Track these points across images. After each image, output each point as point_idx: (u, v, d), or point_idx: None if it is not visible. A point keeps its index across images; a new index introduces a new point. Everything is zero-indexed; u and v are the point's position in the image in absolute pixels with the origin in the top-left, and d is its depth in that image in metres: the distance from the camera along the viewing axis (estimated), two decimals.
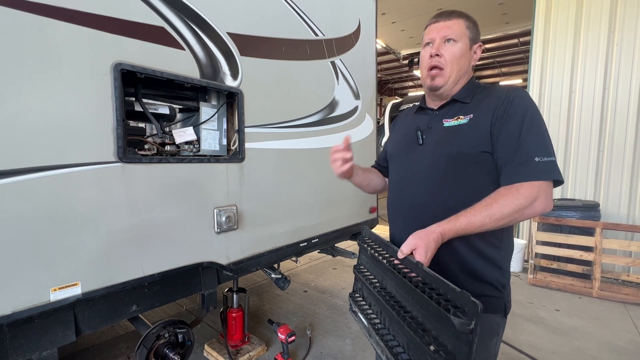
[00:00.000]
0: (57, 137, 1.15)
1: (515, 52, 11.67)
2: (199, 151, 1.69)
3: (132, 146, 1.53)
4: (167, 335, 1.64)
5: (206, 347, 2.31)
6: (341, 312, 2.97)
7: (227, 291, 2.29)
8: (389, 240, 1.13)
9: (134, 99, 1.53)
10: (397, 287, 0.87)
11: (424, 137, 1.07)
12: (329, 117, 2.39)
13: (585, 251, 3.43)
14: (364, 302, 1.05)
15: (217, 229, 1.68)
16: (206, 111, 1.70)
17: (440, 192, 1.00)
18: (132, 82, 1.45)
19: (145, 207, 1.40)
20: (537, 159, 0.86)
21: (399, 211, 1.13)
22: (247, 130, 1.81)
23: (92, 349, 2.38)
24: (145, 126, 1.80)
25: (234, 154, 1.79)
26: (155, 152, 1.64)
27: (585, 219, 3.52)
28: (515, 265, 4.02)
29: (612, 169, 3.82)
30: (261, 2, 1.87)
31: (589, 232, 3.47)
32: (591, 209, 3.58)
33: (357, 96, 2.67)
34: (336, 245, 2.86)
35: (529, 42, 4.45)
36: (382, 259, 0.94)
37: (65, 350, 2.25)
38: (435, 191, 1.01)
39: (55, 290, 1.16)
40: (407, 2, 7.91)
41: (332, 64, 2.40)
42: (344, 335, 2.59)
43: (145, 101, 1.56)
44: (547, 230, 3.70)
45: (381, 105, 15.44)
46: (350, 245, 3.03)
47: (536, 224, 3.74)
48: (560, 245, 3.57)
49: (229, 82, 1.71)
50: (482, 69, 13.90)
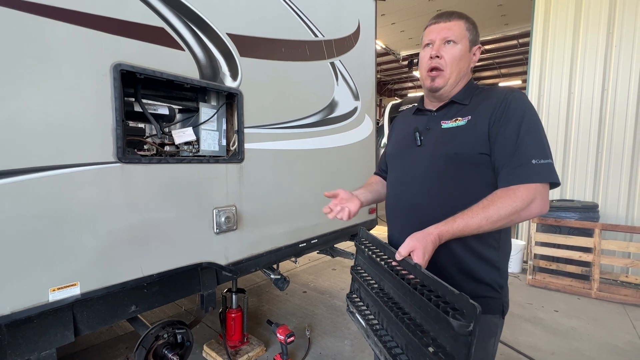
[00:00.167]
0: (56, 137, 1.15)
1: (514, 54, 11.70)
2: (199, 152, 1.69)
3: (131, 146, 1.53)
4: (166, 335, 1.64)
5: (205, 347, 2.31)
6: (340, 312, 2.97)
7: (226, 292, 2.29)
8: (387, 240, 1.13)
9: (133, 100, 1.53)
10: (394, 289, 0.87)
11: (422, 138, 1.07)
12: (328, 117, 2.39)
13: (584, 252, 3.43)
14: (361, 303, 1.05)
15: (216, 229, 1.68)
16: (206, 112, 1.70)
17: (438, 194, 1.00)
18: (132, 83, 1.46)
19: (144, 207, 1.40)
20: (534, 162, 0.87)
21: (397, 212, 1.13)
22: (246, 130, 1.81)
23: (91, 350, 2.38)
24: (144, 127, 1.80)
25: (233, 155, 1.80)
26: (154, 152, 1.64)
27: (584, 220, 3.53)
28: (514, 266, 4.03)
29: (611, 170, 3.82)
30: (261, 2, 1.88)
31: (588, 233, 3.47)
32: (590, 210, 3.58)
33: (356, 97, 2.67)
34: (335, 246, 2.86)
35: (528, 44, 4.46)
36: (379, 260, 0.94)
37: (64, 350, 2.24)
38: (433, 192, 1.01)
39: (54, 290, 1.16)
40: (407, 3, 7.93)
41: (332, 64, 2.41)
42: (343, 336, 2.59)
43: (144, 102, 1.57)
44: (546, 231, 3.71)
45: (381, 106, 15.46)
46: (349, 246, 3.03)
47: (535, 225, 3.74)
48: (559, 246, 3.58)
49: (229, 82, 1.71)
50: (481, 70, 13.93)
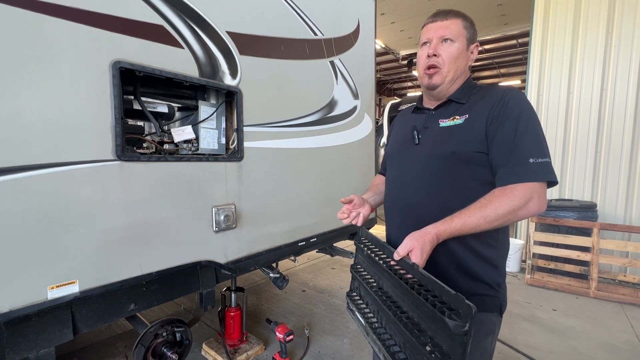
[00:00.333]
0: (55, 134, 1.15)
1: (513, 53, 11.71)
2: (198, 150, 1.69)
3: (130, 144, 1.53)
4: (165, 334, 1.64)
5: (204, 346, 2.31)
6: (339, 311, 2.98)
7: (225, 290, 2.29)
8: (385, 239, 1.13)
9: (132, 97, 1.53)
10: (393, 288, 0.88)
11: (420, 137, 1.07)
12: (327, 116, 2.39)
13: (582, 251, 3.44)
14: (361, 301, 1.05)
15: (216, 227, 1.68)
16: (205, 110, 1.70)
17: (435, 192, 1.00)
18: (131, 81, 1.45)
19: (143, 205, 1.40)
20: (531, 160, 0.87)
21: (395, 211, 1.13)
22: (245, 129, 1.81)
23: (89, 348, 2.38)
24: (143, 124, 1.80)
25: (232, 153, 1.79)
26: (153, 150, 1.64)
27: (582, 219, 3.54)
28: (512, 265, 4.04)
29: (609, 170, 3.84)
30: (260, 1, 1.87)
31: (586, 232, 3.48)
32: (588, 210, 3.59)
33: (356, 96, 2.67)
34: (334, 244, 2.86)
35: (527, 43, 4.46)
36: (378, 259, 0.95)
37: (62, 349, 2.24)
38: (430, 191, 1.01)
39: (52, 288, 1.16)
40: (407, 3, 7.92)
41: (331, 63, 2.41)
42: (342, 334, 2.59)
43: (144, 99, 1.56)
44: (545, 230, 3.72)
45: (380, 105, 15.46)
46: (348, 244, 3.03)
47: (534, 224, 3.75)
48: (557, 245, 3.59)
49: (228, 81, 1.71)
50: (480, 69, 13.93)
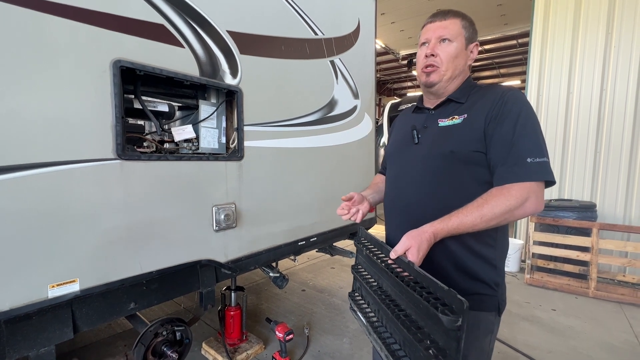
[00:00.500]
0: (56, 133, 1.15)
1: (513, 54, 11.71)
2: (198, 149, 1.69)
3: (131, 143, 1.53)
4: (165, 333, 1.64)
5: (204, 345, 2.31)
6: (339, 311, 2.98)
7: (225, 289, 2.29)
8: (385, 239, 1.14)
9: (133, 96, 1.53)
10: (391, 287, 0.89)
11: (419, 136, 1.07)
12: (328, 116, 2.39)
13: (581, 251, 3.45)
14: (362, 301, 1.06)
15: (216, 226, 1.68)
16: (205, 109, 1.70)
17: (434, 192, 1.00)
18: (132, 80, 1.45)
19: (143, 204, 1.40)
20: (529, 160, 0.87)
21: (394, 210, 1.14)
22: (246, 128, 1.81)
23: (89, 347, 2.38)
24: (144, 124, 1.80)
25: (233, 152, 1.79)
26: (154, 149, 1.64)
27: (582, 219, 3.55)
28: (512, 265, 4.04)
29: (609, 170, 3.84)
30: (261, 0, 1.87)
31: (586, 232, 3.49)
32: (588, 210, 3.60)
33: (356, 95, 2.67)
34: (334, 244, 2.86)
35: (527, 44, 4.47)
36: (376, 259, 0.96)
37: (62, 347, 2.24)
38: (429, 190, 1.01)
39: (53, 287, 1.16)
40: (407, 3, 7.93)
41: (332, 63, 2.41)
42: (342, 334, 2.59)
43: (144, 98, 1.56)
44: (544, 230, 3.72)
45: (380, 105, 15.46)
46: (348, 244, 3.03)
47: (533, 224, 3.76)
48: (557, 245, 3.59)
49: (229, 80, 1.71)
50: (480, 69, 13.94)
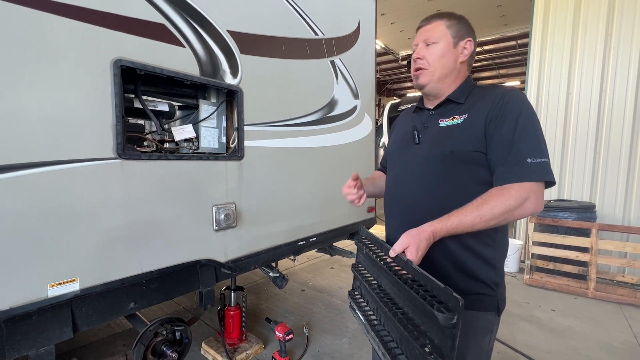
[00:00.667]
0: (56, 132, 1.15)
1: (513, 54, 11.73)
2: (198, 149, 1.69)
3: (131, 143, 1.53)
4: (164, 332, 1.64)
5: (204, 345, 2.31)
6: (339, 311, 2.98)
7: (225, 289, 2.29)
8: (385, 238, 1.14)
9: (133, 96, 1.53)
10: (390, 285, 0.89)
11: (420, 136, 1.08)
12: (328, 116, 2.39)
13: (581, 252, 3.45)
14: (362, 300, 1.06)
15: (216, 226, 1.68)
16: (206, 109, 1.70)
17: (433, 191, 1.01)
18: (132, 79, 1.45)
19: (143, 203, 1.40)
20: (529, 160, 0.87)
21: (394, 209, 1.14)
22: (246, 128, 1.81)
23: (89, 346, 2.38)
24: (144, 123, 1.80)
25: (233, 152, 1.80)
26: (154, 149, 1.64)
27: (581, 220, 3.55)
28: (511, 265, 4.05)
29: (608, 171, 3.85)
30: (262, 0, 1.87)
31: (585, 233, 3.49)
32: (587, 210, 3.60)
33: (356, 96, 2.67)
34: (334, 244, 2.87)
35: (527, 44, 4.47)
36: (376, 257, 0.96)
37: (62, 347, 2.24)
38: (429, 190, 1.02)
39: (53, 286, 1.16)
40: (406, 3, 7.94)
41: (332, 63, 2.41)
42: (342, 334, 2.59)
43: (144, 98, 1.56)
44: (544, 231, 3.72)
45: (380, 105, 15.47)
46: (348, 244, 3.03)
47: (533, 225, 3.76)
48: (556, 246, 3.59)
49: (229, 80, 1.71)
50: (480, 70, 13.96)
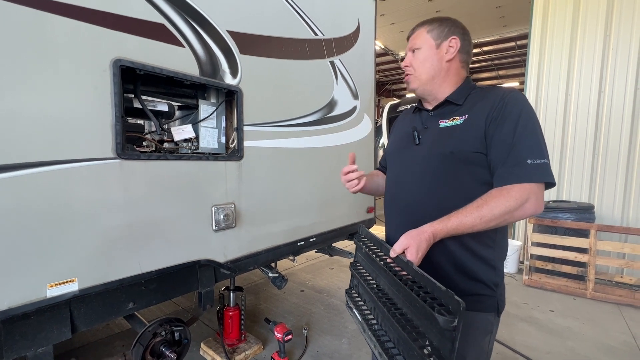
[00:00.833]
0: (55, 132, 1.15)
1: (512, 55, 11.77)
2: (198, 149, 1.69)
3: (130, 143, 1.53)
4: (163, 333, 1.63)
5: (202, 345, 2.30)
6: (338, 311, 2.98)
7: (224, 290, 2.29)
8: (385, 239, 1.14)
9: (132, 96, 1.53)
10: (389, 285, 0.89)
11: (420, 137, 1.08)
12: (327, 116, 2.39)
13: (579, 253, 3.46)
14: (359, 299, 1.06)
15: (215, 226, 1.67)
16: (205, 109, 1.70)
17: (434, 192, 1.01)
18: (131, 79, 1.45)
19: (143, 203, 1.40)
20: (529, 161, 0.87)
21: (394, 210, 1.14)
22: (246, 128, 1.81)
23: (87, 347, 2.37)
24: (143, 123, 1.80)
25: (232, 152, 1.79)
26: (153, 149, 1.64)
27: (580, 220, 3.56)
28: (510, 266, 4.05)
29: (607, 172, 3.86)
30: (262, 1, 1.88)
31: (584, 233, 3.50)
32: (586, 211, 3.61)
33: (355, 96, 2.67)
34: (333, 244, 2.86)
35: (526, 45, 4.49)
36: (375, 257, 0.96)
37: (60, 347, 2.23)
38: (429, 190, 1.02)
39: (52, 286, 1.16)
40: (406, 4, 7.96)
41: (332, 63, 2.41)
42: (341, 334, 2.59)
43: (144, 98, 1.56)
44: (543, 231, 3.73)
45: (379, 106, 15.48)
46: (347, 245, 3.03)
47: (531, 226, 3.76)
48: (555, 246, 3.60)
49: (229, 80, 1.71)
50: (479, 71, 13.99)
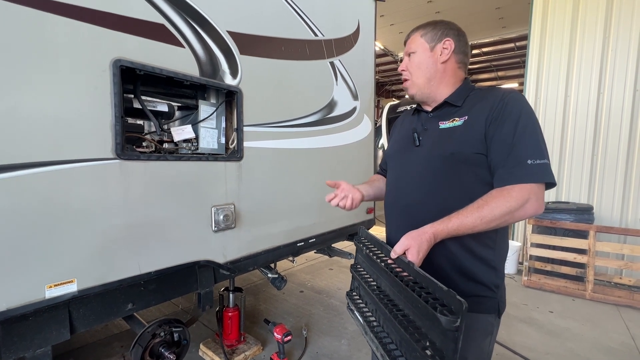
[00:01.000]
0: (55, 132, 1.14)
1: (511, 56, 11.78)
2: (197, 149, 1.68)
3: (130, 143, 1.53)
4: (162, 334, 1.63)
5: (202, 346, 2.30)
6: (337, 312, 2.98)
7: (224, 290, 2.29)
8: (385, 239, 1.14)
9: (132, 96, 1.53)
10: (390, 286, 0.89)
11: (420, 138, 1.08)
12: (327, 117, 2.39)
13: (579, 254, 3.46)
14: (360, 301, 1.06)
15: (215, 227, 1.67)
16: (205, 109, 1.70)
17: (434, 193, 1.01)
18: (131, 79, 1.45)
19: (142, 204, 1.39)
20: (529, 162, 0.87)
21: (394, 211, 1.14)
22: (245, 129, 1.81)
23: (86, 348, 2.36)
24: (143, 123, 1.79)
25: (232, 153, 1.79)
26: (153, 149, 1.63)
27: (579, 221, 3.56)
28: (509, 267, 4.05)
29: (606, 173, 3.86)
30: (261, 1, 1.88)
31: (583, 234, 3.50)
32: (585, 212, 3.62)
33: (355, 97, 2.67)
34: (333, 245, 2.86)
35: (525, 47, 4.50)
36: (376, 258, 0.96)
37: (59, 348, 2.22)
38: (429, 192, 1.02)
39: (50, 287, 1.15)
40: (406, 5, 7.96)
41: (331, 64, 2.41)
42: (340, 335, 2.59)
43: (144, 98, 1.56)
44: (542, 232, 3.73)
45: (379, 107, 15.49)
46: (346, 245, 3.03)
47: (531, 227, 3.77)
48: (554, 247, 3.60)
49: (228, 80, 1.71)
50: (478, 72, 14.00)
